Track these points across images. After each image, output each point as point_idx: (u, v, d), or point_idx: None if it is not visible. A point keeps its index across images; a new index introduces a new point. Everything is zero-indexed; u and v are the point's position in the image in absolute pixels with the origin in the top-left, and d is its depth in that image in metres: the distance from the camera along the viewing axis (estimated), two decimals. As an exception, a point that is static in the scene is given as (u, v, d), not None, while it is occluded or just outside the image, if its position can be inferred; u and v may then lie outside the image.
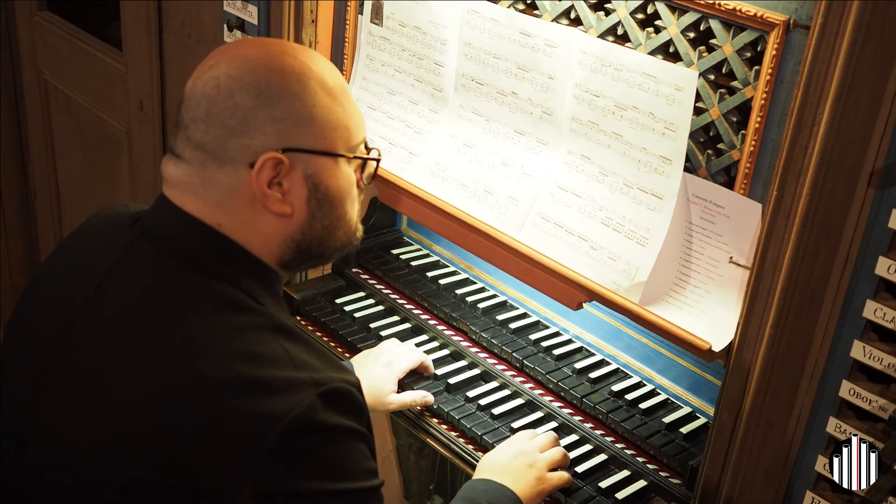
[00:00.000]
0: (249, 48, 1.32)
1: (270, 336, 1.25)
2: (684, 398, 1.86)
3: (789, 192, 1.29)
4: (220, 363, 1.20)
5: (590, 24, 1.63)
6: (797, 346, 1.33)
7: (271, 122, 1.26)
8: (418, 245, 2.35)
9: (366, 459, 1.28)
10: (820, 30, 1.21)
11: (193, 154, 1.29)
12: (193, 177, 1.29)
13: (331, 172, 1.32)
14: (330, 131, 1.30)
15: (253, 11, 2.12)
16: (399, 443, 2.47)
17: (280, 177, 1.28)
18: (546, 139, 1.74)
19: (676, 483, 1.68)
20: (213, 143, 1.27)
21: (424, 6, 1.87)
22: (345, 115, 1.33)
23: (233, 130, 1.26)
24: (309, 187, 1.30)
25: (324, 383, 1.21)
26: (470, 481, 1.65)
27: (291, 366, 1.22)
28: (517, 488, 1.61)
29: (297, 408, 1.17)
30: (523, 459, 1.67)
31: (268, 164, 1.26)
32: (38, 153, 3.53)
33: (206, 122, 1.27)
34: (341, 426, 1.23)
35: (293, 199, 1.30)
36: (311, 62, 1.32)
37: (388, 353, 1.89)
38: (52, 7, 3.26)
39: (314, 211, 1.32)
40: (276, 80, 1.27)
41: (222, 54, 1.31)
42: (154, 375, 1.20)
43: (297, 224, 1.32)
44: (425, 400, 1.85)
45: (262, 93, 1.26)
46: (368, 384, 1.80)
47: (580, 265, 1.66)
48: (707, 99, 1.49)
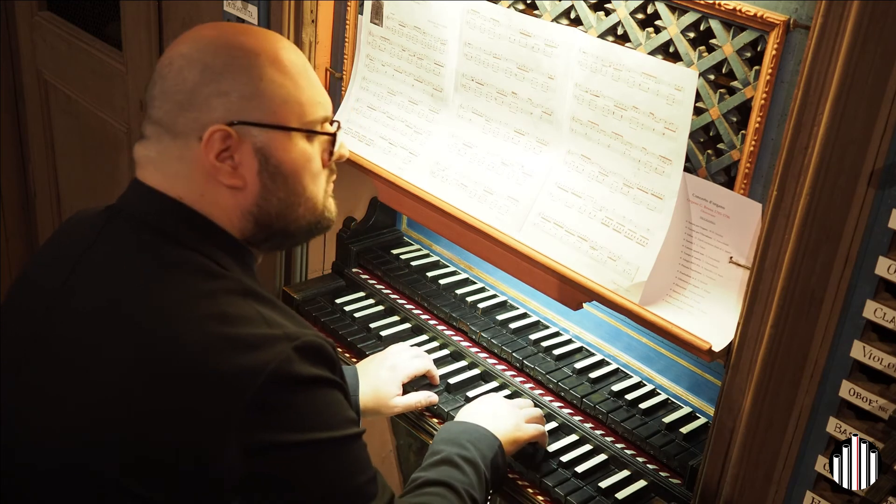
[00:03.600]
0: (210, 29, 1.37)
1: (241, 299, 1.29)
2: (684, 398, 1.86)
3: (789, 192, 1.29)
4: (194, 327, 1.23)
5: (590, 24, 1.63)
6: (797, 346, 1.32)
7: (217, 96, 1.31)
8: (418, 245, 2.35)
9: (345, 409, 1.32)
10: (820, 30, 1.21)
11: (152, 130, 1.35)
12: (152, 151, 1.35)
13: (282, 146, 1.34)
14: (279, 105, 1.33)
15: (253, 11, 2.12)
16: (399, 443, 2.47)
17: (231, 150, 1.32)
18: (546, 139, 1.74)
19: (676, 483, 1.68)
20: (166, 118, 1.33)
21: (424, 6, 1.87)
22: (297, 90, 1.35)
23: (181, 105, 1.31)
24: (259, 160, 1.34)
25: (298, 337, 1.25)
26: (447, 423, 1.68)
27: (265, 324, 1.26)
28: (495, 430, 1.64)
29: (273, 361, 1.21)
30: (502, 406, 1.73)
31: (215, 136, 1.31)
32: (38, 153, 3.53)
33: (161, 98, 1.33)
34: (318, 377, 1.27)
35: (244, 172, 1.34)
36: (266, 41, 1.36)
37: (394, 357, 1.89)
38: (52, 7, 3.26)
39: (267, 184, 1.35)
40: (224, 55, 1.32)
41: (184, 36, 1.37)
42: (131, 346, 1.24)
43: (251, 196, 1.35)
44: (429, 400, 1.85)
45: (209, 68, 1.31)
46: (372, 387, 1.81)
47: (580, 265, 1.66)
48: (707, 99, 1.49)
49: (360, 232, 2.30)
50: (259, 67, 1.32)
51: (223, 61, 1.31)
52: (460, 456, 1.55)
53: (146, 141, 1.36)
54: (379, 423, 2.45)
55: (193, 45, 1.34)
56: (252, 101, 1.32)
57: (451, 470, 1.52)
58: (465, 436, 1.60)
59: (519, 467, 1.73)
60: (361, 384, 1.80)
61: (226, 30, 1.37)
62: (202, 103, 1.31)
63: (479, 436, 1.61)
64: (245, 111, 1.31)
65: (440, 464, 1.54)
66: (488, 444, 1.61)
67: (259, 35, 1.37)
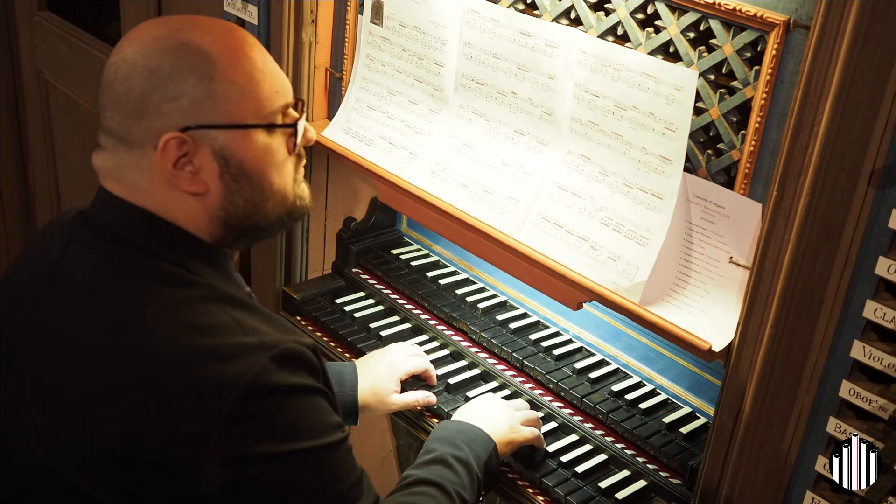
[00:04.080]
0: (154, 27, 1.30)
1: (216, 306, 1.25)
2: (684, 398, 1.86)
3: (789, 192, 1.29)
4: (169, 338, 1.21)
5: (590, 24, 1.63)
6: (797, 346, 1.32)
7: (168, 102, 1.25)
8: (418, 245, 2.35)
9: (327, 415, 1.29)
10: (820, 30, 1.21)
11: (107, 140, 1.30)
12: (109, 162, 1.31)
13: (242, 145, 1.29)
14: (234, 103, 1.27)
15: (253, 11, 2.12)
16: (399, 443, 2.46)
17: (189, 156, 1.27)
18: (546, 139, 1.74)
19: (676, 483, 1.68)
20: (119, 129, 1.28)
21: (424, 6, 1.87)
22: (251, 84, 1.29)
23: (133, 114, 1.26)
24: (220, 163, 1.29)
25: (274, 345, 1.22)
26: (442, 422, 1.67)
27: (241, 332, 1.23)
28: (490, 431, 1.63)
29: (249, 372, 1.19)
30: (499, 407, 1.71)
31: (170, 144, 1.26)
32: (38, 153, 3.53)
33: (111, 108, 1.28)
34: (297, 385, 1.24)
35: (205, 177, 1.29)
36: (214, 34, 1.29)
37: (392, 354, 1.89)
38: (52, 7, 3.25)
39: (230, 186, 1.30)
40: (170, 58, 1.25)
41: (128, 37, 1.31)
42: (107, 358, 1.22)
43: (216, 200, 1.31)
44: (427, 400, 1.85)
45: (155, 73, 1.25)
46: (370, 383, 1.81)
47: (580, 265, 1.66)
48: (707, 99, 1.49)
49: (360, 232, 2.30)
50: (208, 66, 1.26)
51: (169, 64, 1.25)
52: (453, 456, 1.54)
53: (103, 151, 1.31)
54: (379, 423, 2.45)
55: (137, 47, 1.27)
56: (204, 102, 1.26)
57: (443, 469, 1.51)
58: (460, 436, 1.59)
59: (518, 467, 1.73)
60: (360, 380, 1.81)
61: (171, 27, 1.29)
62: (153, 111, 1.25)
63: (474, 436, 1.60)
64: (198, 114, 1.26)
65: (433, 463, 1.53)
66: (483, 445, 1.60)
67: (206, 28, 1.30)
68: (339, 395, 1.77)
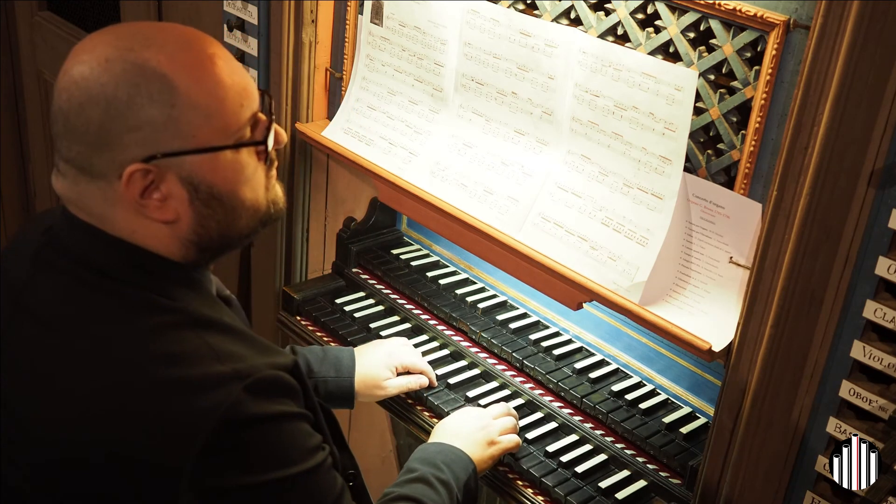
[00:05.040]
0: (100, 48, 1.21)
1: (190, 332, 1.22)
2: (684, 398, 1.86)
3: (789, 192, 1.29)
4: (140, 370, 1.18)
5: (590, 24, 1.63)
6: (797, 346, 1.32)
7: (129, 132, 1.18)
8: (418, 245, 2.35)
9: (307, 438, 1.27)
10: (820, 30, 1.21)
11: (66, 168, 1.23)
12: (71, 191, 1.24)
13: (209, 168, 1.23)
14: (198, 128, 1.20)
15: (253, 11, 2.12)
16: (399, 443, 2.47)
17: (156, 184, 1.21)
18: (546, 139, 1.74)
19: (676, 483, 1.68)
20: (80, 159, 1.21)
21: (424, 6, 1.87)
22: (215, 102, 1.21)
23: (93, 146, 1.19)
24: (188, 189, 1.23)
25: (248, 374, 1.19)
26: (423, 444, 1.68)
27: (215, 359, 1.19)
28: (469, 450, 1.65)
29: (223, 404, 1.16)
30: (476, 423, 1.72)
31: (135, 176, 1.19)
32: (38, 153, 3.53)
33: (68, 137, 1.20)
34: (273, 414, 1.21)
35: (175, 205, 1.23)
36: (170, 50, 1.20)
37: (393, 344, 1.92)
38: (52, 7, 3.25)
39: (202, 211, 1.25)
40: (125, 86, 1.17)
41: (74, 56, 1.23)
42: (78, 391, 1.19)
43: (186, 226, 1.26)
44: (420, 384, 1.87)
45: (111, 104, 1.17)
46: (366, 367, 1.84)
47: (580, 265, 1.66)
48: (707, 99, 1.49)
49: (360, 232, 2.30)
50: (167, 91, 1.18)
51: (126, 92, 1.17)
52: (435, 476, 1.55)
53: (63, 178, 1.24)
54: (379, 423, 2.45)
55: (89, 71, 1.18)
56: (167, 130, 1.18)
57: (424, 488, 1.52)
58: (441, 457, 1.60)
59: (518, 467, 1.74)
60: (357, 366, 1.83)
61: (120, 45, 1.20)
62: (115, 142, 1.18)
63: (455, 457, 1.62)
64: (162, 143, 1.19)
65: (415, 481, 1.54)
66: (462, 467, 1.61)
67: (160, 45, 1.20)
68: (336, 380, 1.80)
